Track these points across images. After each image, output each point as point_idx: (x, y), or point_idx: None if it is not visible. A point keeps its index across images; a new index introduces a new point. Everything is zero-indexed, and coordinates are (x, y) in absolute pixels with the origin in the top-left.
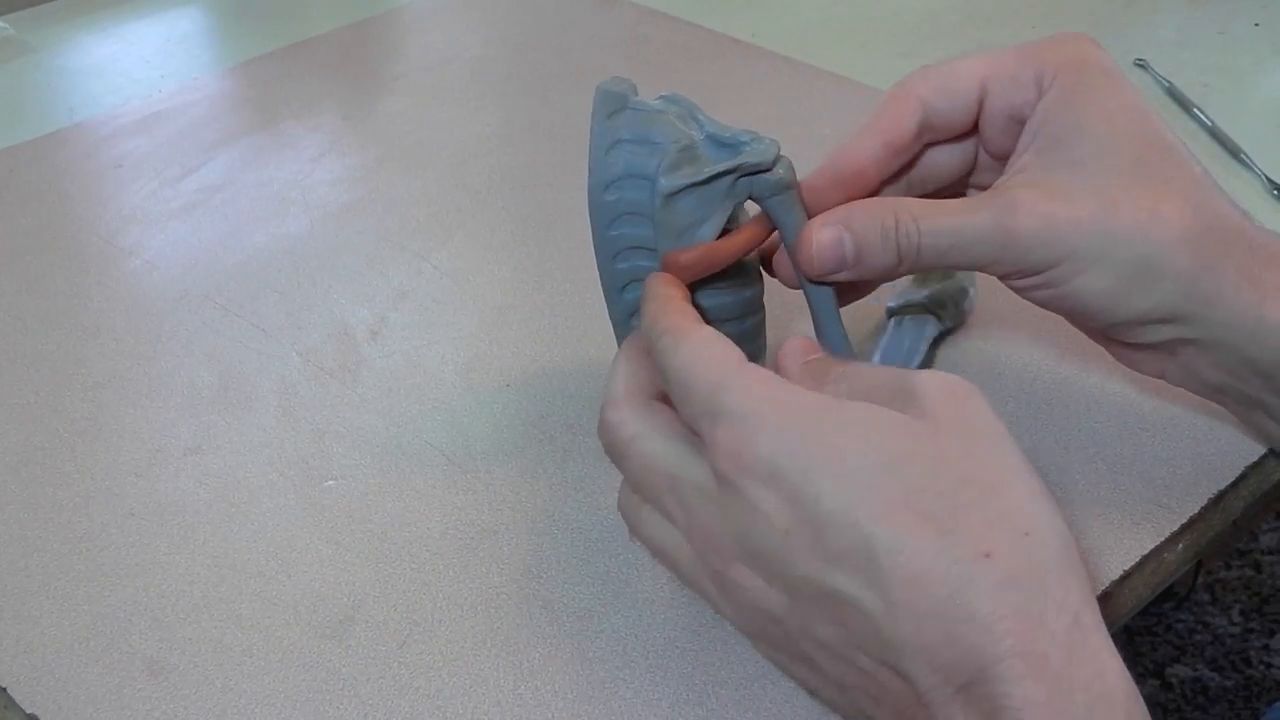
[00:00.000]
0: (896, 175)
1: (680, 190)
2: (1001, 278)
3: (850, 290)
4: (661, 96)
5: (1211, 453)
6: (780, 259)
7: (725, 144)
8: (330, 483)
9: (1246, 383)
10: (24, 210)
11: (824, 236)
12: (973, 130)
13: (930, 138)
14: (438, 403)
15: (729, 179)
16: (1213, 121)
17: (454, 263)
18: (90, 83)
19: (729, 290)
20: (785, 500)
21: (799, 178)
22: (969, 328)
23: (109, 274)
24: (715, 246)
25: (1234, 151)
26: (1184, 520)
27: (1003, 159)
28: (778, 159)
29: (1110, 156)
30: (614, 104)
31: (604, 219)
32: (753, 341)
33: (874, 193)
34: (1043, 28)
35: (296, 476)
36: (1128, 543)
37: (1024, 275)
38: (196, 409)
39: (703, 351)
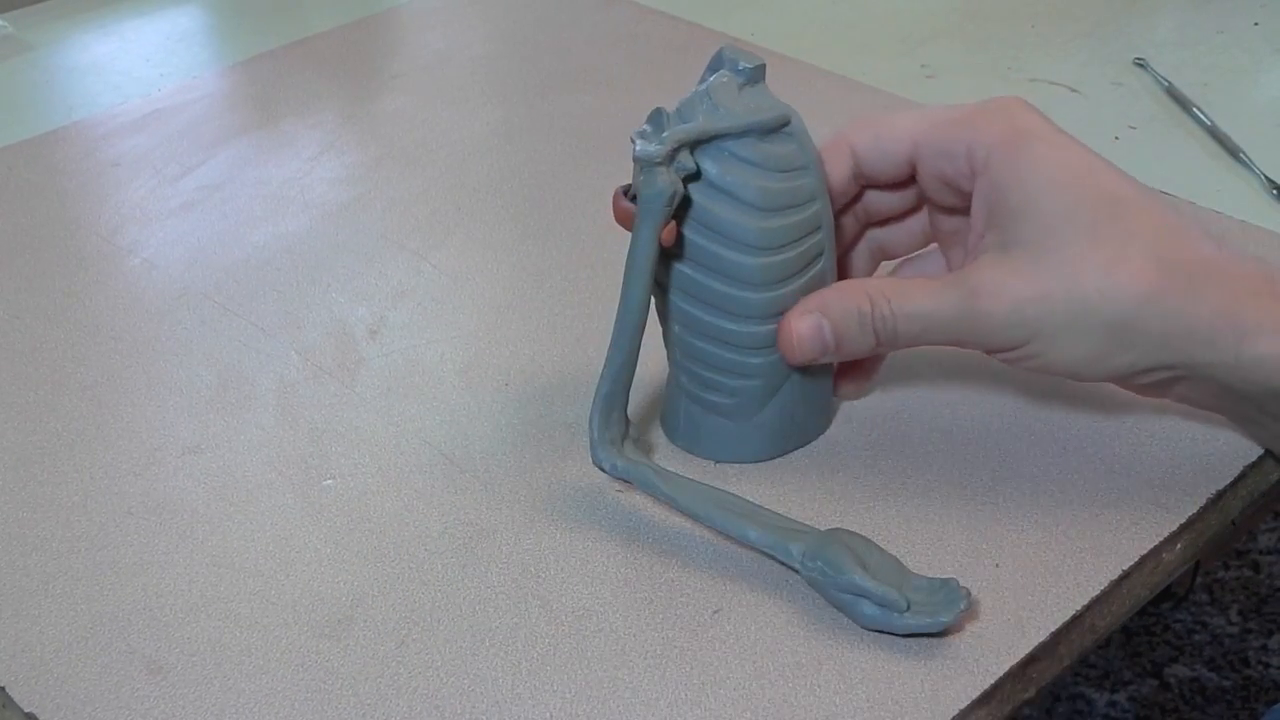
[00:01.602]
0: (844, 208)
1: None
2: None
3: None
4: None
5: (1210, 453)
6: None
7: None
8: (329, 482)
9: (1241, 404)
10: (23, 208)
11: (803, 326)
12: (910, 181)
13: (868, 183)
14: (437, 402)
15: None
16: (1212, 121)
17: (453, 262)
18: (89, 81)
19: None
20: None
21: None
22: None
23: (108, 272)
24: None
25: (1233, 151)
26: (1182, 520)
27: (947, 212)
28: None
29: (1064, 227)
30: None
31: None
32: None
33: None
34: (1042, 27)
35: (295, 475)
36: (1126, 543)
37: (999, 351)
38: (195, 408)
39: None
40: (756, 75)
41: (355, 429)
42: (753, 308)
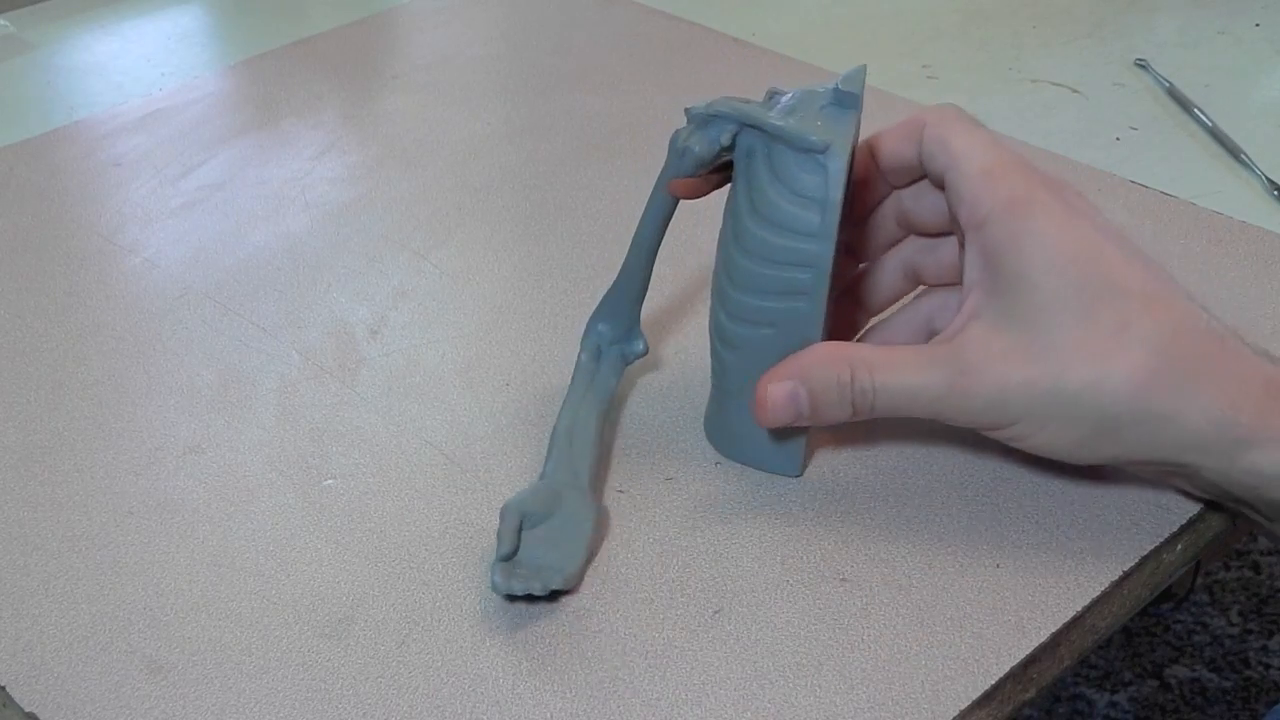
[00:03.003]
0: (876, 206)
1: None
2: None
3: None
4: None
5: None
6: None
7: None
8: (330, 482)
9: (1237, 503)
10: (23, 208)
11: (777, 392)
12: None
13: (888, 171)
14: (437, 402)
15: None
16: (1213, 122)
17: (454, 262)
18: (90, 80)
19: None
20: None
21: None
22: None
23: (108, 272)
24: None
25: (1234, 152)
26: (1183, 521)
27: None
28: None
29: (1059, 309)
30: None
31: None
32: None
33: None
34: (1043, 28)
35: (296, 475)
36: (1126, 544)
37: (983, 430)
38: (196, 407)
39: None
40: (843, 100)
41: (356, 429)
42: (729, 303)
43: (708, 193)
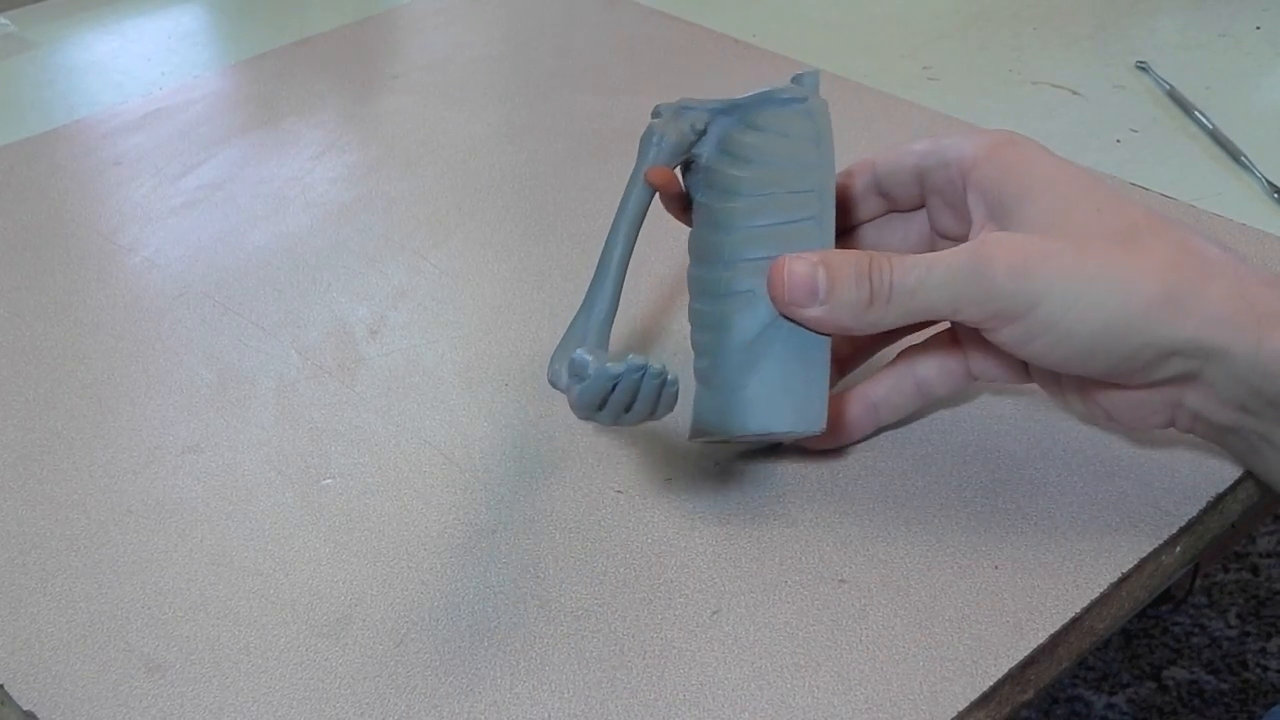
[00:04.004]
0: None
1: None
2: (981, 331)
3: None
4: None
5: (1209, 456)
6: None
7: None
8: (328, 481)
9: (1258, 416)
10: (23, 207)
11: (797, 265)
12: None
13: (885, 195)
14: (437, 402)
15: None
16: (1214, 124)
17: (454, 262)
18: (90, 79)
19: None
20: None
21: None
22: None
23: (108, 271)
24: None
25: (1235, 154)
26: (1181, 523)
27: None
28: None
29: (1069, 212)
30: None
31: None
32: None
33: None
34: (1044, 29)
35: (295, 475)
36: (1125, 545)
37: (1001, 321)
38: (195, 407)
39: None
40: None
41: (355, 428)
42: (724, 249)
43: (679, 190)
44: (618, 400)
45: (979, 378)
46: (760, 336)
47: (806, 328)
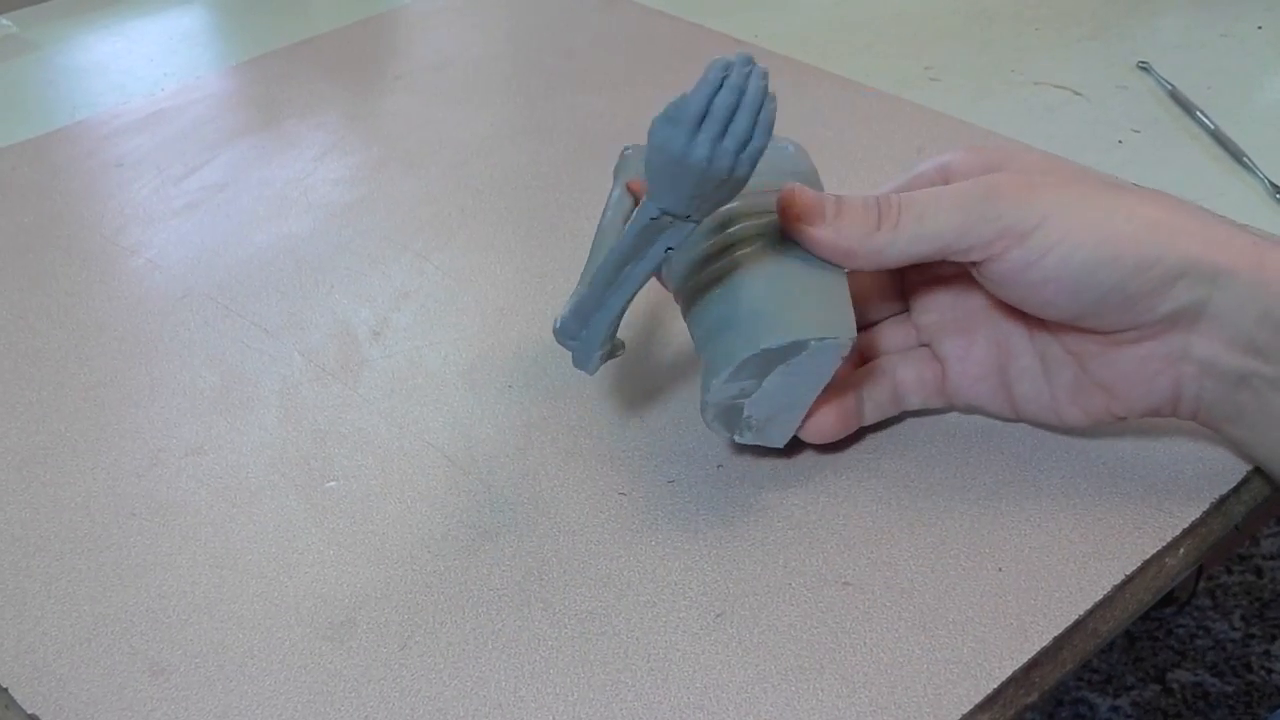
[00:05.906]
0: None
1: None
2: (984, 261)
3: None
4: None
5: (1213, 457)
6: None
7: None
8: (332, 484)
9: (1268, 356)
10: (26, 208)
11: (809, 191)
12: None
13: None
14: (440, 403)
15: None
16: (1215, 125)
17: (456, 263)
18: (92, 81)
19: None
20: None
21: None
22: None
23: (111, 273)
24: None
25: (1236, 155)
26: (1185, 525)
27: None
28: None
29: (1051, 169)
30: None
31: None
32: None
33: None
34: (1045, 30)
35: (298, 477)
36: (1129, 547)
37: (1008, 241)
38: (198, 409)
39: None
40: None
41: (358, 430)
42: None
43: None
44: (721, 105)
45: (956, 402)
46: (775, 271)
47: (815, 255)
